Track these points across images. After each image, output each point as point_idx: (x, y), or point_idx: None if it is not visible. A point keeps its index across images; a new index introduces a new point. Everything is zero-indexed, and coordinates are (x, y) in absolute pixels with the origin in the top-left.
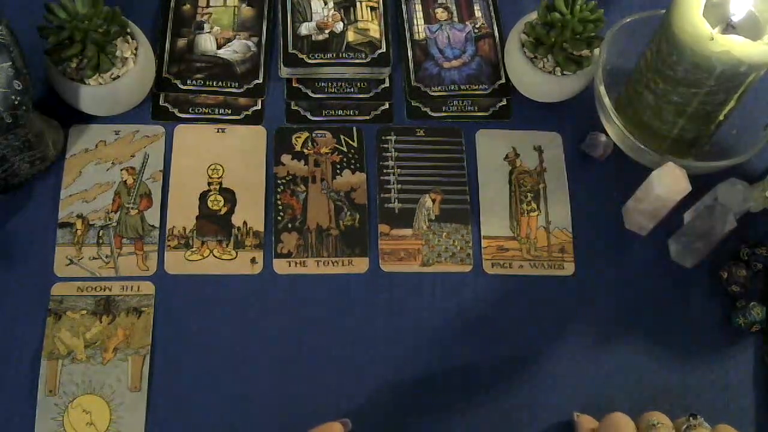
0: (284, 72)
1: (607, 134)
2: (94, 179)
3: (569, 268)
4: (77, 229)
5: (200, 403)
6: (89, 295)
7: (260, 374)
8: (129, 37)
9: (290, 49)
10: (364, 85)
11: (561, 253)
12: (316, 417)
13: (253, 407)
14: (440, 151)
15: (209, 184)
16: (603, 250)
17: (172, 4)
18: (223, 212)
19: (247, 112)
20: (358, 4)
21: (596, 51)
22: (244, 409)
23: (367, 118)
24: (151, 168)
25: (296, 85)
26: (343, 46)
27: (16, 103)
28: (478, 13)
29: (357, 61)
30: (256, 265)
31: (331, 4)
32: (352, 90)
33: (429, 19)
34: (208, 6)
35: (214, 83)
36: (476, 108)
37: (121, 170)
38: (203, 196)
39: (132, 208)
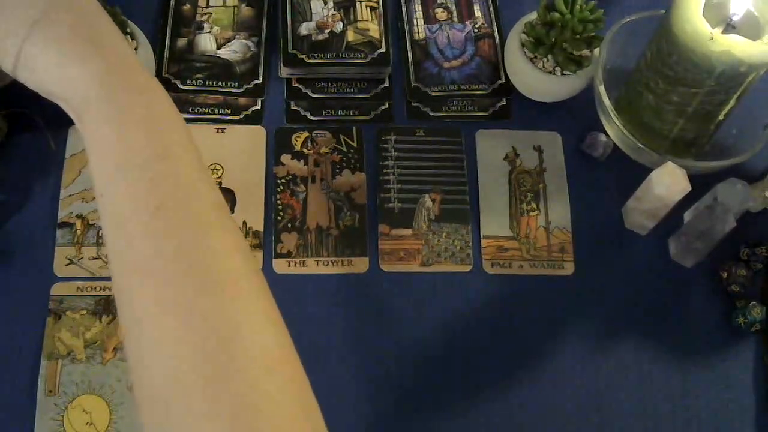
0: (284, 72)
1: (607, 134)
2: None
3: (569, 268)
4: (77, 229)
5: None
6: (89, 295)
7: None
8: (129, 37)
9: (290, 49)
10: (364, 85)
11: (561, 253)
12: None
13: None
14: (440, 151)
15: None
16: (603, 250)
17: (172, 4)
18: None
19: (246, 112)
20: (358, 4)
21: (596, 51)
22: None
23: (367, 118)
24: None
25: (296, 85)
26: (343, 46)
27: None
28: (477, 13)
29: (357, 61)
30: None
31: (331, 4)
32: (352, 90)
33: (429, 19)
34: (208, 6)
35: (214, 83)
36: (476, 108)
37: None
38: None
39: None
